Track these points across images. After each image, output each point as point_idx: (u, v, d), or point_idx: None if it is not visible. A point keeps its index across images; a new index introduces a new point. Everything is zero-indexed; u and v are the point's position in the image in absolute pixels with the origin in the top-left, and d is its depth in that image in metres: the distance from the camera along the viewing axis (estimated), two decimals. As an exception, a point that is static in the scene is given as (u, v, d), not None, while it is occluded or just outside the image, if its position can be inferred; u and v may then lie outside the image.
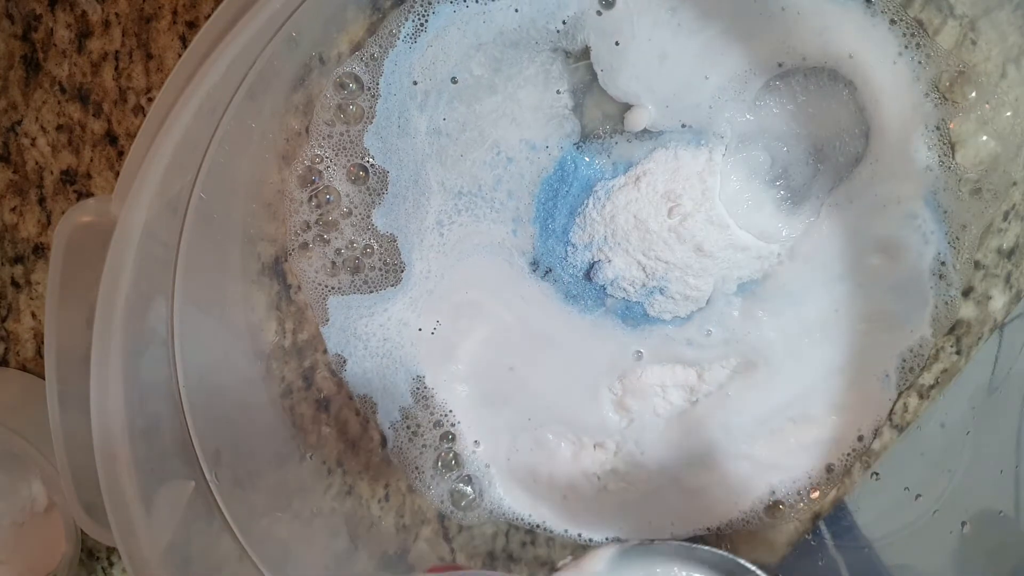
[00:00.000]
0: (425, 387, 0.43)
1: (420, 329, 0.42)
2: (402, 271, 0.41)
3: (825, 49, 0.38)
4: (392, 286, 0.41)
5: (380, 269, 0.41)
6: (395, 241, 0.41)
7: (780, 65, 0.38)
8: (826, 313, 0.41)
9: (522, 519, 0.44)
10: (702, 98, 0.39)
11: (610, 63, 0.38)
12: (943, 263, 0.40)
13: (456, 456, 0.44)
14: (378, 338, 0.42)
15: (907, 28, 0.37)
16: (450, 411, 0.43)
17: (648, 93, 0.39)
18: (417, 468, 0.43)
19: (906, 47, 0.37)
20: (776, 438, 0.42)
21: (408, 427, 0.43)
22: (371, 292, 0.41)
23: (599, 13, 0.38)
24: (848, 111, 0.38)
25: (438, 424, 0.43)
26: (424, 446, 0.43)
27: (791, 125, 0.39)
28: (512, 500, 0.44)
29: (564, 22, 0.38)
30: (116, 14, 0.40)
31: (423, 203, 0.40)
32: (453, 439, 0.44)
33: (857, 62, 0.38)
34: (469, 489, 0.44)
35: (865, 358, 0.41)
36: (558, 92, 0.39)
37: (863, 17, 0.37)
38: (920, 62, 0.37)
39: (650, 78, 0.39)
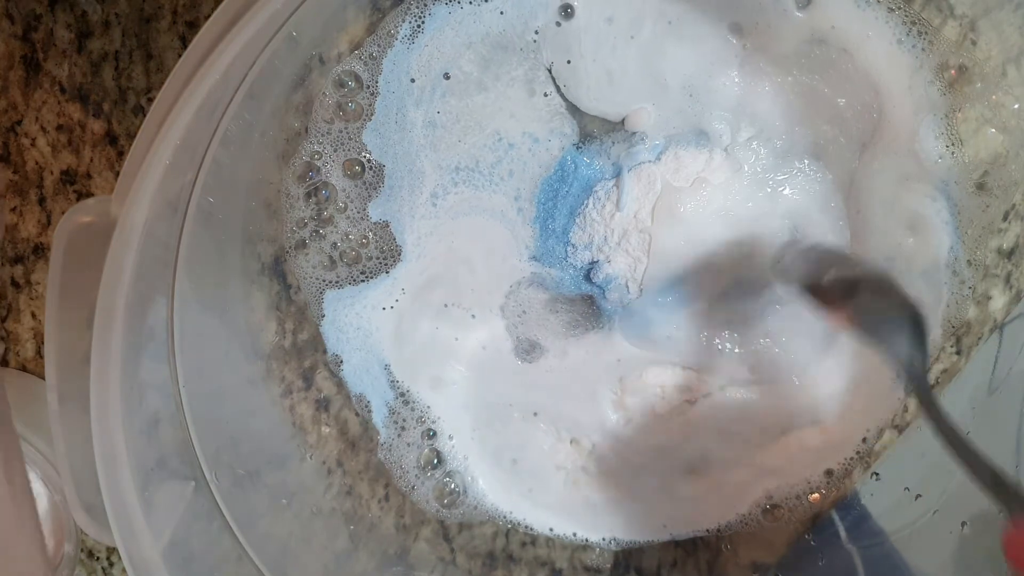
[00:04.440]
0: (395, 378, 0.43)
1: (384, 308, 0.42)
2: (399, 255, 0.41)
3: (793, 22, 0.37)
4: (386, 273, 0.41)
5: (376, 258, 0.41)
6: (388, 227, 0.41)
7: (745, 47, 0.38)
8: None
9: (503, 515, 0.44)
10: (677, 103, 0.39)
11: (566, 80, 0.39)
12: (955, 258, 0.39)
13: (438, 453, 0.43)
14: (353, 327, 0.42)
15: (907, 16, 0.37)
16: (428, 407, 0.43)
17: (614, 109, 0.39)
18: (401, 468, 0.43)
19: (907, 34, 0.37)
20: (779, 444, 0.42)
21: (396, 423, 0.43)
22: (365, 281, 0.41)
23: (558, 24, 0.38)
24: (849, 78, 0.38)
25: (420, 420, 0.43)
26: (408, 444, 0.43)
27: (791, 105, 0.39)
28: (495, 495, 0.44)
29: (536, 32, 0.38)
30: (116, 14, 0.40)
31: (418, 186, 0.40)
32: (435, 435, 0.43)
33: (843, 32, 0.37)
34: (452, 484, 0.43)
35: (880, 360, 0.41)
36: (545, 95, 0.39)
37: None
38: (923, 49, 0.37)
39: (605, 96, 0.39)
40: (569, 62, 0.38)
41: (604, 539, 0.44)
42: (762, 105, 0.38)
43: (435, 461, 0.43)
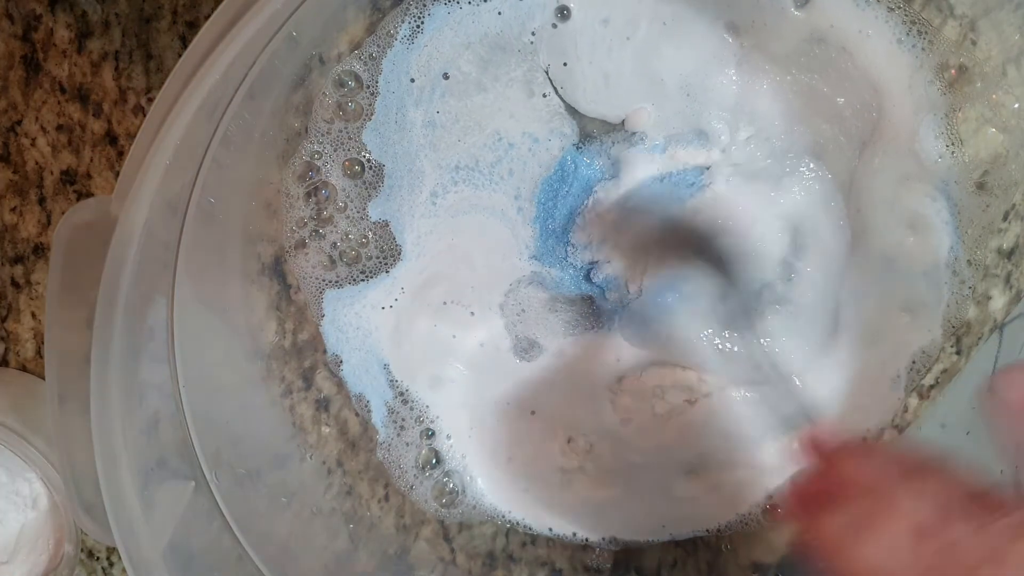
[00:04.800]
0: (394, 377, 0.42)
1: (383, 307, 0.42)
2: (399, 254, 0.41)
3: (791, 21, 0.37)
4: (386, 272, 0.41)
5: (376, 258, 0.41)
6: (388, 226, 0.40)
7: (742, 46, 0.38)
8: (860, 303, 0.40)
9: (502, 515, 0.44)
10: (675, 103, 0.38)
11: (563, 82, 0.39)
12: (956, 258, 0.39)
13: (436, 452, 0.43)
14: (353, 327, 0.42)
15: (906, 16, 0.37)
16: (427, 406, 0.43)
17: (612, 111, 0.39)
18: (400, 467, 0.43)
19: (907, 34, 0.37)
20: (779, 444, 0.42)
21: (395, 422, 0.43)
22: (365, 281, 0.41)
23: (555, 26, 0.38)
24: (848, 77, 0.38)
25: (419, 420, 0.43)
26: (407, 443, 0.43)
27: (790, 104, 0.38)
28: (493, 495, 0.44)
29: (533, 33, 0.38)
30: (116, 14, 0.40)
31: (418, 185, 0.40)
32: (433, 435, 0.43)
33: (842, 31, 0.37)
34: (451, 484, 0.43)
35: (881, 360, 0.41)
36: (544, 96, 0.39)
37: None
38: (923, 48, 0.37)
39: (602, 99, 0.39)
40: (565, 64, 0.38)
41: (604, 539, 0.44)
42: (761, 104, 0.38)
43: (433, 461, 0.43)
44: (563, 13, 0.38)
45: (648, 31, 0.38)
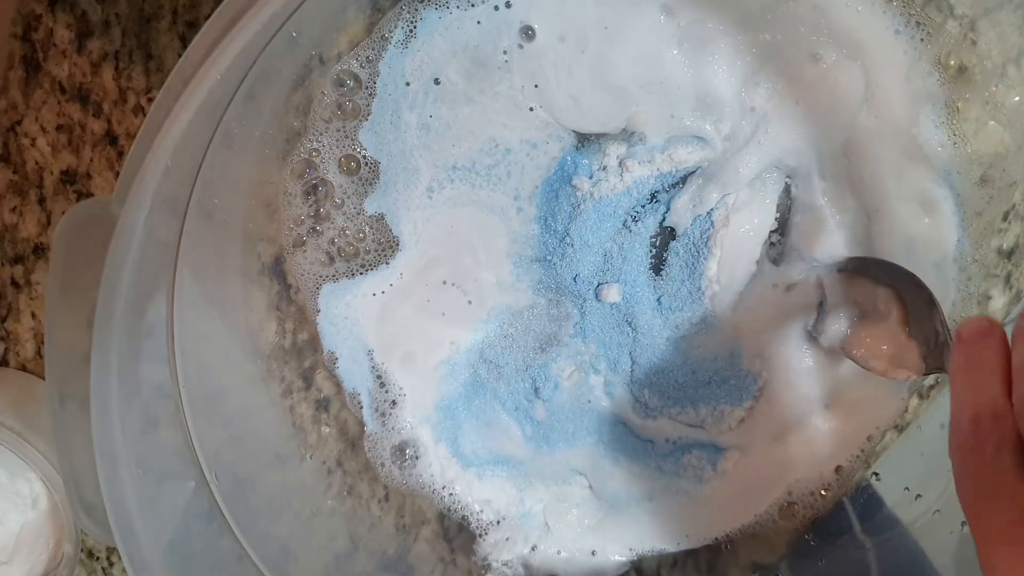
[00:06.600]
0: (375, 361, 0.42)
1: (374, 294, 0.41)
2: (397, 246, 0.41)
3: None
4: (386, 264, 0.41)
5: (375, 251, 0.40)
6: (383, 219, 0.40)
7: (679, 25, 0.37)
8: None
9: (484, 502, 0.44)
10: (650, 107, 0.38)
11: (541, 102, 0.38)
12: (963, 254, 0.39)
13: (417, 443, 0.43)
14: (343, 317, 0.41)
15: (904, 9, 0.37)
16: (401, 388, 0.42)
17: (599, 127, 0.39)
18: (382, 463, 0.43)
19: (906, 25, 0.37)
20: (796, 440, 0.42)
21: (378, 409, 0.42)
22: (363, 275, 0.41)
23: (521, 47, 0.37)
24: (821, 31, 0.37)
25: (394, 403, 0.42)
26: (389, 431, 0.43)
27: (750, 70, 0.38)
28: (472, 490, 0.44)
29: (505, 52, 0.38)
30: (116, 14, 0.40)
31: (413, 181, 0.40)
32: (412, 426, 0.43)
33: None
34: (433, 476, 0.43)
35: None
36: (531, 109, 0.39)
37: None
38: (922, 40, 0.37)
39: (581, 117, 0.38)
40: (537, 86, 0.38)
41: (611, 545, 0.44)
42: (716, 81, 0.38)
43: (416, 455, 0.43)
44: (528, 33, 0.37)
45: (596, 41, 0.37)
